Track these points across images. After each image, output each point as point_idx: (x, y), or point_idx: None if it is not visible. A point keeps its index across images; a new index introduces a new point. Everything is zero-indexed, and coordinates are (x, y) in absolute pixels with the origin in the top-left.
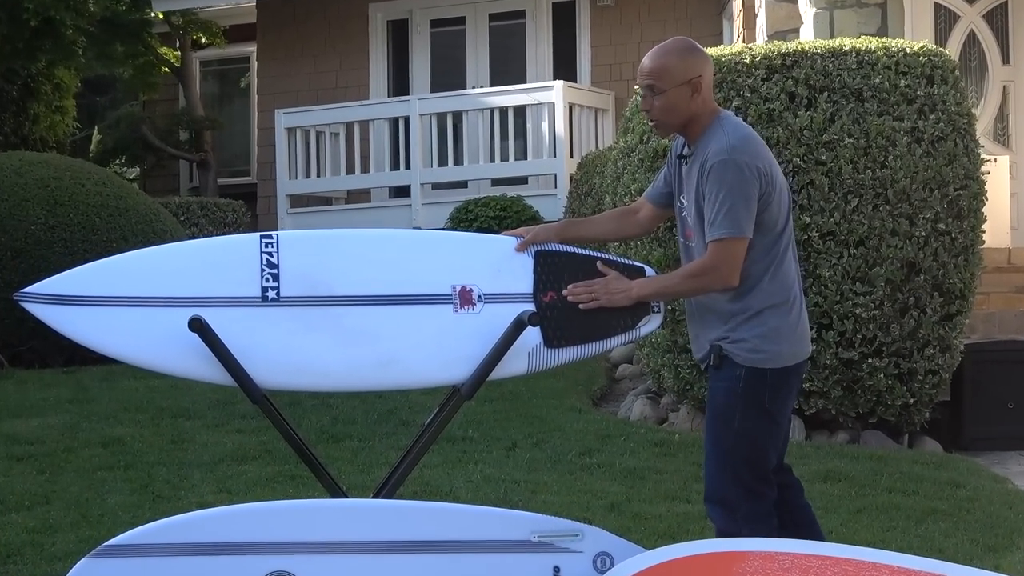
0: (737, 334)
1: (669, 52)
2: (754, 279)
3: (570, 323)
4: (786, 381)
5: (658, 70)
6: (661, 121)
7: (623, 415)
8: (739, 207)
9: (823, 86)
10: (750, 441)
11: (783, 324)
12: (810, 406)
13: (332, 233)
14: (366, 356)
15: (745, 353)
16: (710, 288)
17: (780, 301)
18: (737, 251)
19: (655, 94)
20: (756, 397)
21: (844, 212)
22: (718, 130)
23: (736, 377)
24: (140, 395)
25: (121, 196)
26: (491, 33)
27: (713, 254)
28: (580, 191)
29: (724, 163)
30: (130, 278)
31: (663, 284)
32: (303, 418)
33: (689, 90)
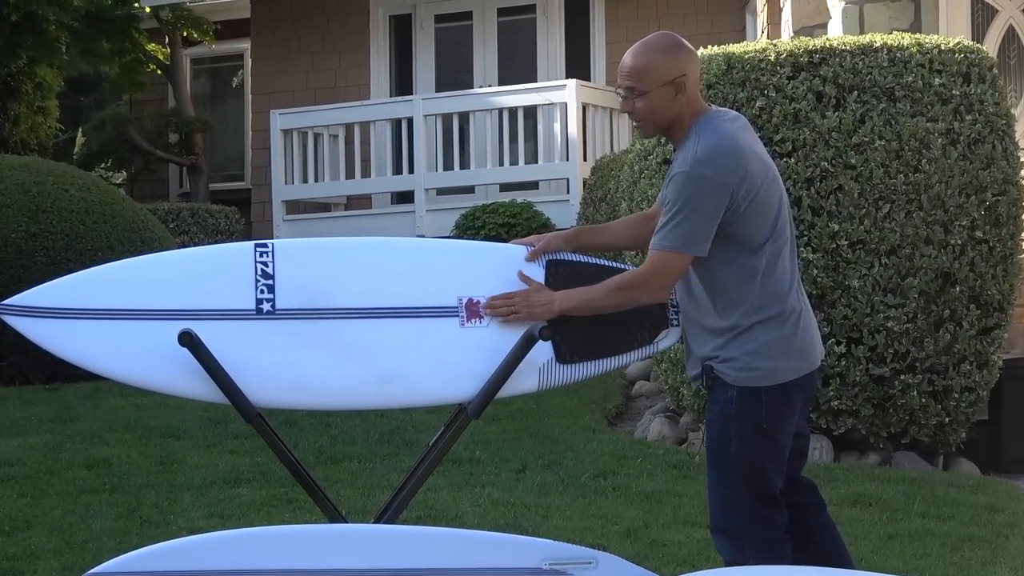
0: (727, 352)
1: (651, 49)
2: (737, 294)
3: (584, 337)
4: (785, 398)
5: (639, 70)
6: (643, 123)
7: (640, 435)
8: (692, 222)
9: (853, 85)
10: (749, 465)
11: (776, 338)
12: (839, 425)
13: (331, 242)
14: (367, 372)
15: (736, 372)
16: (637, 301)
17: (771, 315)
18: (676, 267)
19: (636, 95)
20: (751, 418)
21: (875, 219)
22: (692, 137)
23: (728, 398)
24: (127, 414)
25: (107, 202)
26: (500, 29)
27: (649, 265)
28: (594, 197)
29: (685, 176)
30: (116, 289)
31: (588, 296)
32: (300, 438)
33: (672, 90)
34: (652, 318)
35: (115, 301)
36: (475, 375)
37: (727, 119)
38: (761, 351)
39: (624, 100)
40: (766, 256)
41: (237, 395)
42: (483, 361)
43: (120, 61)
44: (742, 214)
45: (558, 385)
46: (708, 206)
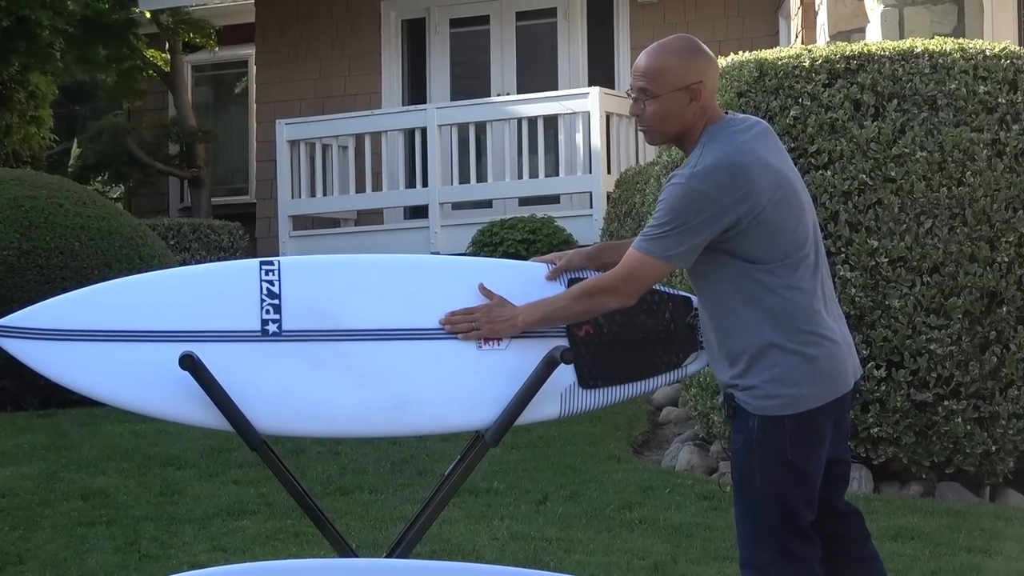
0: (746, 379)
1: (668, 52)
2: (747, 315)
3: (608, 360)
4: (813, 425)
5: (653, 71)
6: (651, 129)
7: (668, 464)
8: (677, 235)
9: (892, 93)
10: (775, 498)
11: (799, 363)
12: (879, 454)
13: (340, 259)
14: (378, 398)
15: (756, 400)
16: (605, 307)
17: (791, 338)
18: (650, 274)
19: (647, 98)
20: (774, 449)
21: (916, 235)
22: (697, 148)
23: (750, 428)
24: (125, 441)
25: (103, 217)
26: (518, 34)
27: (622, 268)
28: (619, 211)
29: (678, 188)
30: (114, 309)
31: (551, 307)
32: (308, 467)
33: (686, 97)
34: (680, 340)
35: (112, 322)
36: (493, 401)
37: (740, 128)
38: (783, 377)
39: (634, 102)
40: (778, 275)
41: (241, 421)
42: (501, 386)
43: (118, 68)
44: (743, 231)
45: (581, 411)
46: (697, 221)
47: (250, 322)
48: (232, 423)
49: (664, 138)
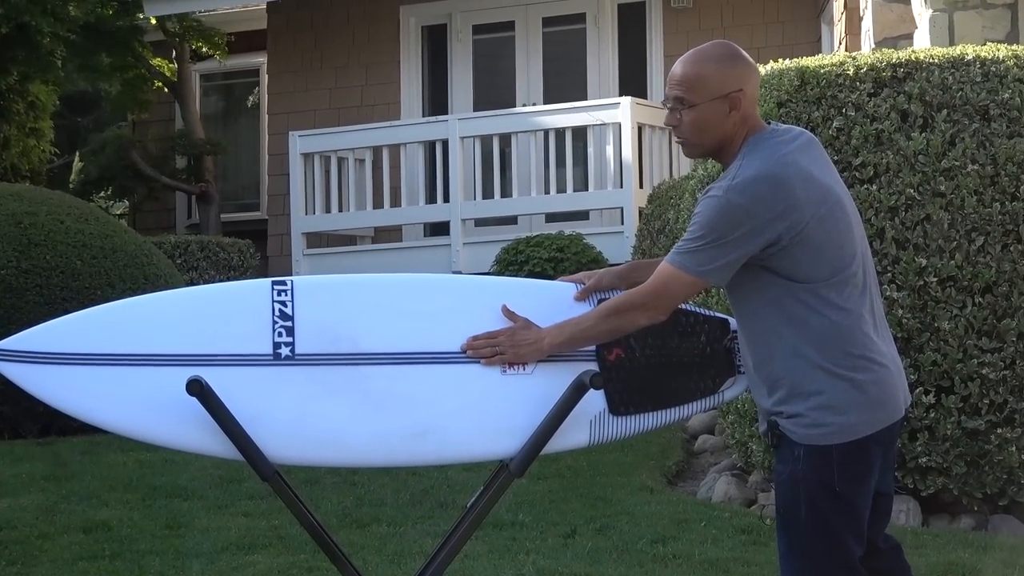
0: (791, 406)
1: (706, 59)
2: (791, 338)
3: (640, 386)
4: (862, 455)
5: (691, 79)
6: (688, 141)
7: (703, 496)
8: (713, 250)
9: (942, 103)
10: (822, 533)
11: (847, 389)
12: (927, 485)
13: (357, 279)
14: (397, 425)
15: (803, 429)
16: (635, 325)
17: (839, 362)
18: (682, 289)
19: (684, 107)
20: (821, 480)
21: (967, 253)
22: (737, 160)
23: (796, 458)
24: (129, 471)
25: (107, 235)
26: (545, 40)
27: (653, 283)
28: (651, 228)
29: (715, 201)
30: (117, 332)
31: (578, 327)
32: (322, 499)
33: (725, 106)
34: (717, 364)
35: (116, 345)
36: (518, 428)
37: (783, 139)
38: (830, 404)
39: (670, 112)
40: (823, 295)
41: (252, 450)
42: (527, 413)
43: (122, 77)
44: (785, 247)
45: (611, 440)
46: (734, 236)
47: (261, 345)
48: (242, 452)
49: (702, 150)
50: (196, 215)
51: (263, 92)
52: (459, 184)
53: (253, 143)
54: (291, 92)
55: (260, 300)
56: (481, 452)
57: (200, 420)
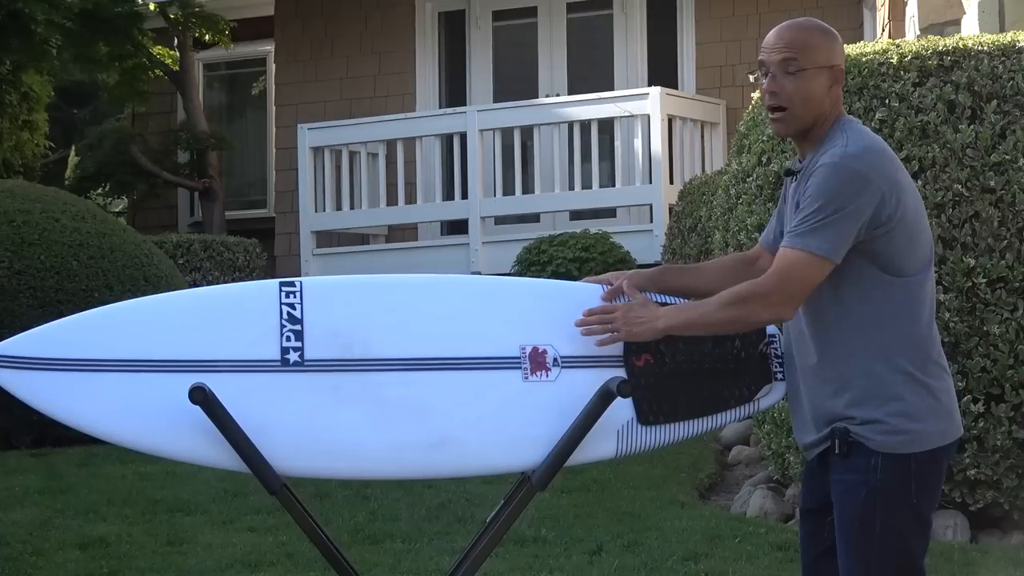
0: (866, 411)
1: (809, 28)
2: (877, 334)
3: (671, 393)
4: (936, 467)
5: (799, 43)
6: (789, 112)
7: (738, 510)
8: (837, 224)
9: (991, 93)
10: (897, 548)
11: (925, 396)
12: (976, 499)
13: (369, 280)
14: (412, 435)
15: (881, 436)
16: (757, 318)
17: (923, 368)
18: (811, 275)
19: (789, 73)
20: (899, 491)
21: (1019, 253)
22: (837, 135)
23: (871, 467)
24: (128, 484)
25: (104, 234)
26: (569, 27)
27: (776, 272)
28: (682, 226)
29: (833, 167)
30: (115, 336)
31: (697, 311)
32: (333, 513)
33: (828, 79)
34: (752, 371)
35: (114, 350)
36: (541, 438)
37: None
38: (908, 412)
39: (770, 78)
40: (913, 291)
41: (258, 462)
42: (551, 422)
43: (120, 67)
44: (890, 230)
45: (640, 451)
46: (855, 206)
47: (269, 350)
48: (248, 464)
49: (798, 125)
50: (199, 213)
51: (270, 82)
52: (478, 180)
53: (259, 137)
54: (300, 82)
55: (267, 302)
56: (501, 463)
57: (204, 430)
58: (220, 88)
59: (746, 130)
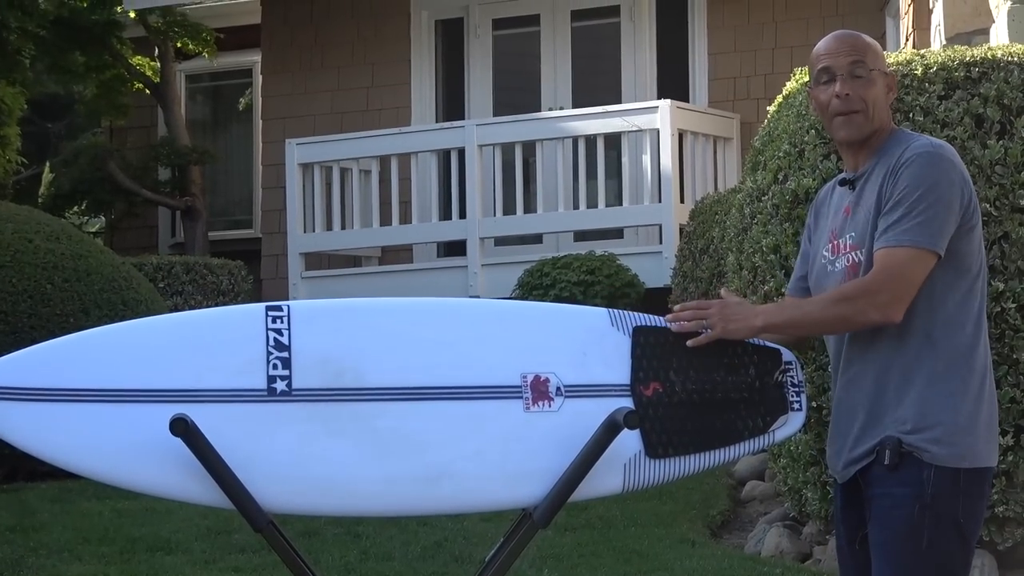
0: (925, 420)
1: (864, 36)
2: (944, 334)
3: (681, 425)
4: (981, 488)
5: (863, 47)
6: (861, 114)
7: (752, 549)
8: (939, 213)
9: (1022, 107)
10: (939, 566)
11: (980, 409)
12: (1004, 538)
13: (362, 304)
14: (406, 468)
15: (936, 447)
16: (865, 319)
17: (984, 381)
18: (918, 271)
19: (857, 76)
20: (949, 508)
21: None
22: (905, 137)
23: (923, 481)
24: (105, 521)
25: (80, 255)
26: (574, 36)
27: (882, 270)
28: (693, 248)
29: (927, 155)
30: (92, 364)
31: (801, 311)
32: (323, 552)
33: (887, 85)
34: (767, 401)
35: (90, 379)
36: (543, 472)
37: None
38: (965, 426)
39: (841, 82)
40: (979, 292)
41: (244, 497)
42: (553, 455)
43: (98, 79)
44: (971, 228)
45: (648, 486)
46: (952, 196)
47: (254, 379)
48: (232, 499)
49: (867, 128)
50: (181, 233)
51: (256, 95)
52: (477, 198)
53: (245, 152)
54: (288, 95)
55: (253, 328)
56: (501, 499)
57: (185, 464)
58: (203, 101)
59: (761, 145)
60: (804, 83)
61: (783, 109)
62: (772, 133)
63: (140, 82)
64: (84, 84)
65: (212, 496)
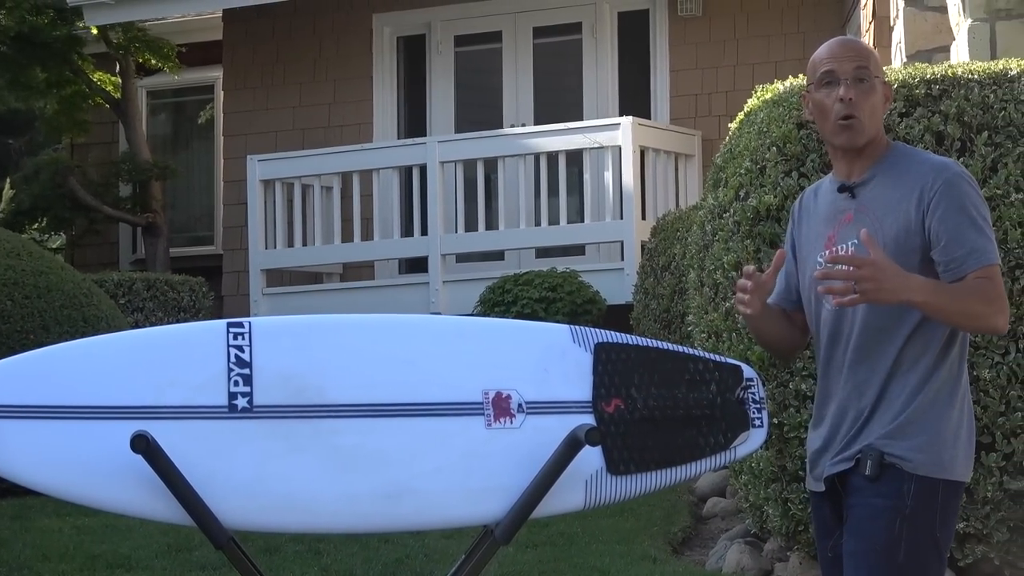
0: (912, 428)
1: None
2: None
3: (642, 441)
4: (956, 501)
5: (866, 53)
6: (860, 120)
7: (713, 566)
8: (989, 228)
9: (982, 124)
10: None
11: (962, 420)
12: (965, 554)
13: (323, 320)
14: (368, 485)
15: (918, 457)
16: (992, 322)
17: (965, 390)
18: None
19: (861, 81)
20: (926, 521)
21: (1011, 293)
22: (909, 151)
23: (903, 493)
24: (64, 538)
25: (41, 272)
26: (536, 53)
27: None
28: (655, 264)
29: (961, 176)
30: (52, 381)
31: (950, 293)
32: (283, 569)
33: (885, 96)
34: (729, 417)
35: (51, 396)
36: (505, 489)
37: None
38: (949, 438)
39: (846, 86)
40: None
41: (204, 514)
42: (515, 471)
43: (59, 94)
44: None
45: (609, 502)
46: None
47: (215, 396)
48: (193, 516)
49: (868, 134)
50: (142, 250)
51: (218, 111)
52: (439, 215)
53: (207, 168)
54: (250, 111)
55: (214, 345)
56: (463, 516)
57: (146, 480)
58: (165, 117)
59: (723, 162)
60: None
61: (744, 126)
62: (733, 150)
63: (101, 98)
64: (45, 100)
65: (173, 513)
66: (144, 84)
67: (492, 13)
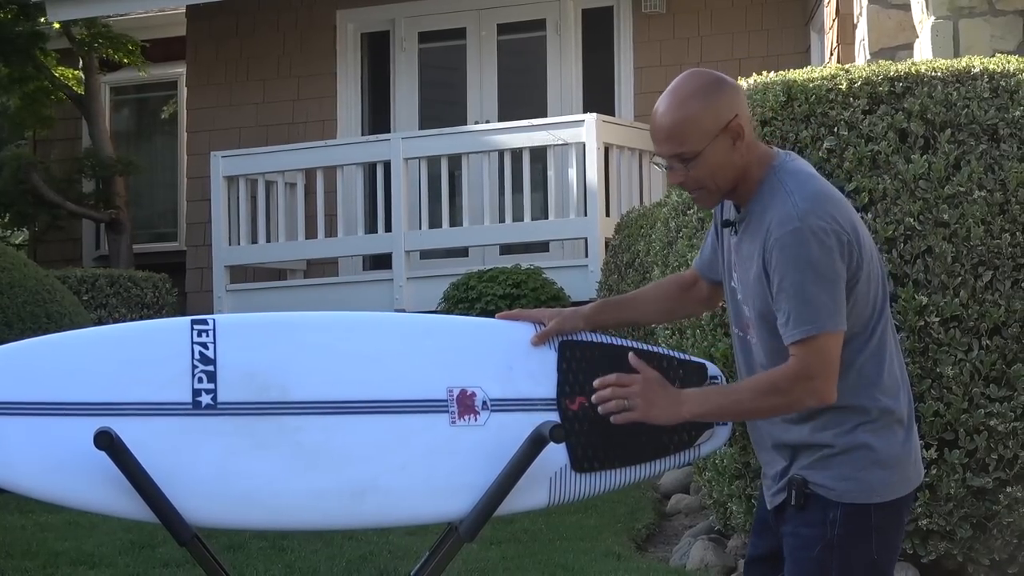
0: (831, 463)
1: (687, 98)
2: (849, 385)
3: (607, 439)
4: (898, 518)
5: (680, 127)
6: (706, 190)
7: (677, 562)
8: (824, 291)
9: (945, 121)
10: None
11: (890, 441)
12: (928, 551)
13: (287, 317)
14: (332, 482)
15: (842, 485)
16: (799, 407)
17: (885, 409)
18: (832, 352)
19: (687, 161)
20: (859, 546)
21: (974, 290)
22: (776, 187)
23: (829, 522)
24: (27, 535)
25: (3, 268)
26: (500, 50)
27: (800, 361)
28: (619, 261)
29: (796, 233)
30: (15, 377)
31: (730, 398)
32: (247, 566)
33: (729, 139)
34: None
35: (13, 392)
36: (469, 486)
37: (803, 162)
38: (874, 459)
39: (671, 172)
40: (878, 331)
41: (168, 511)
42: (479, 469)
43: (22, 90)
44: (859, 280)
45: (574, 499)
46: (834, 265)
47: (179, 392)
48: (157, 513)
49: (720, 196)
50: (105, 246)
51: (181, 107)
52: (403, 211)
53: (170, 165)
54: (213, 107)
55: (178, 341)
56: (427, 513)
57: (109, 477)
58: (129, 113)
59: None
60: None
61: None
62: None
63: (64, 94)
64: (7, 96)
65: (136, 510)
66: (108, 80)
67: (456, 10)
